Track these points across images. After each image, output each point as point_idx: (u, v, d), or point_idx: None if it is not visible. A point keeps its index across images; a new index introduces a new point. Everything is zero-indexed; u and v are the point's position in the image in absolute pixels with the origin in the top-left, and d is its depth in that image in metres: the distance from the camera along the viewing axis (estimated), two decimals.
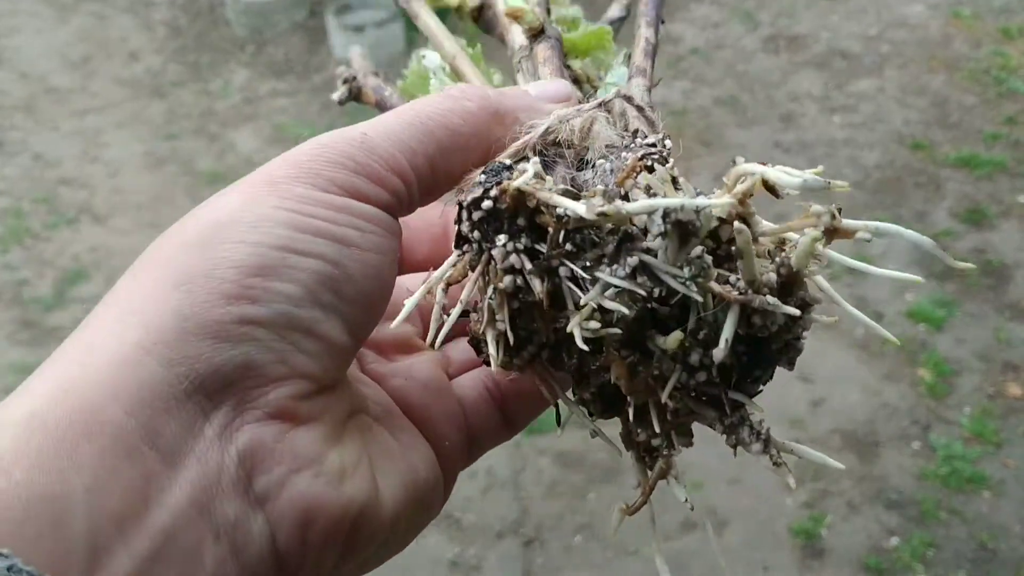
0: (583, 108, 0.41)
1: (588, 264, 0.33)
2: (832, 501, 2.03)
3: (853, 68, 3.58)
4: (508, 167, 0.34)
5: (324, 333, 0.33)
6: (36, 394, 0.29)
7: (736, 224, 0.32)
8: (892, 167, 3.04)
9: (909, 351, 2.37)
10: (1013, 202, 2.84)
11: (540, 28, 0.50)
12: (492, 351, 0.34)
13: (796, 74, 3.59)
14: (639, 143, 0.37)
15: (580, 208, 0.32)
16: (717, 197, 0.34)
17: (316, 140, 0.36)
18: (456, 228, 0.35)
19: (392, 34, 3.92)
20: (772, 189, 0.35)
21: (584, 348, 0.32)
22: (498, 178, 0.34)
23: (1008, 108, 3.26)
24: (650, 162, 0.36)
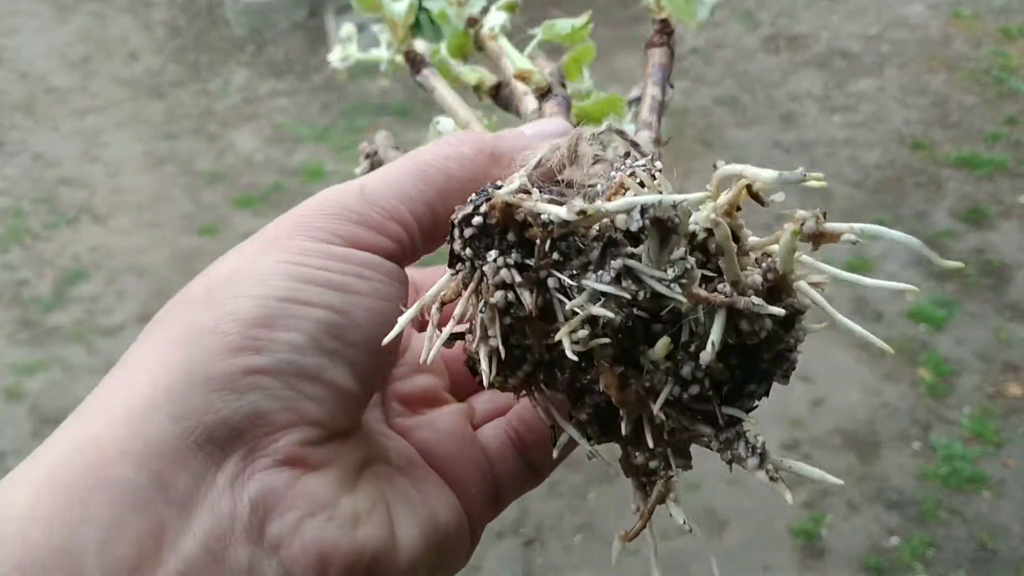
0: (570, 130, 0.41)
1: (575, 272, 0.33)
2: (832, 501, 2.03)
3: (853, 68, 3.59)
4: (498, 187, 0.35)
5: (330, 379, 0.34)
6: (52, 454, 0.31)
7: (712, 217, 0.32)
8: (892, 167, 3.04)
9: (909, 351, 2.37)
10: (1013, 202, 2.84)
11: (547, 87, 0.51)
12: (484, 366, 0.34)
13: (796, 74, 3.59)
14: (628, 163, 0.38)
15: (561, 211, 0.32)
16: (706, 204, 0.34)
17: (315, 196, 0.37)
18: (449, 247, 0.35)
19: None
20: (756, 197, 0.35)
21: (573, 358, 0.32)
22: (487, 195, 0.34)
23: (1008, 108, 3.26)
24: (639, 178, 0.36)
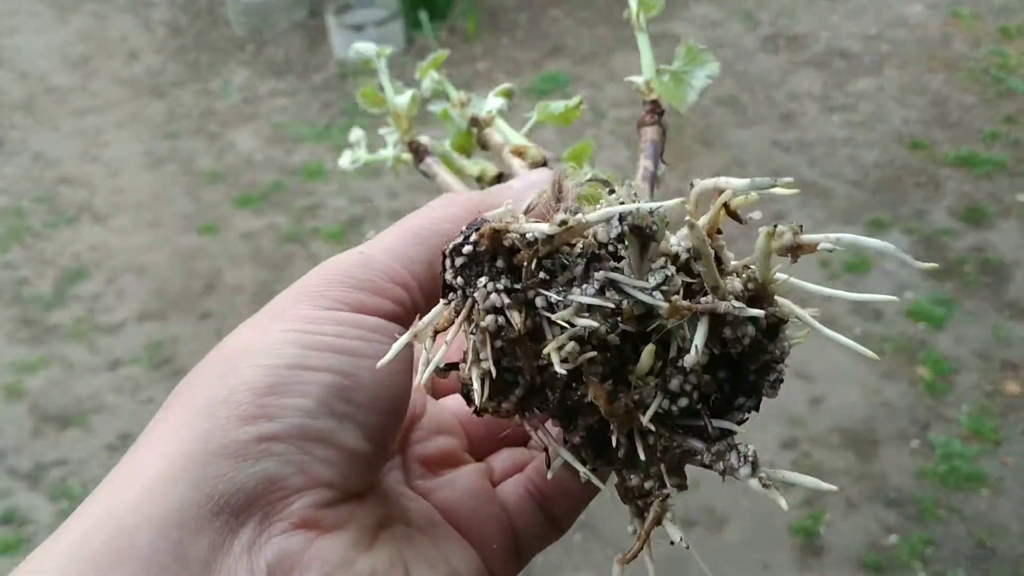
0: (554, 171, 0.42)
1: (561, 289, 0.34)
2: (831, 499, 2.04)
3: (853, 67, 3.59)
4: (487, 220, 0.36)
5: (340, 441, 0.35)
6: (76, 529, 0.32)
7: (687, 219, 0.33)
8: (892, 166, 3.04)
9: (908, 349, 2.37)
10: (1012, 201, 2.84)
11: (543, 161, 0.52)
12: (477, 387, 0.35)
13: (796, 73, 3.60)
14: (614, 196, 0.39)
15: (543, 225, 0.33)
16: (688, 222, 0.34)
17: (319, 266, 0.39)
18: (441, 278, 0.36)
19: (392, 33, 3.92)
20: (735, 215, 0.35)
21: (562, 372, 0.33)
22: (477, 225, 0.35)
23: (1007, 107, 3.26)
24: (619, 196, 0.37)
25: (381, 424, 0.36)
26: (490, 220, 0.35)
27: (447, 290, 0.36)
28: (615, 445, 0.36)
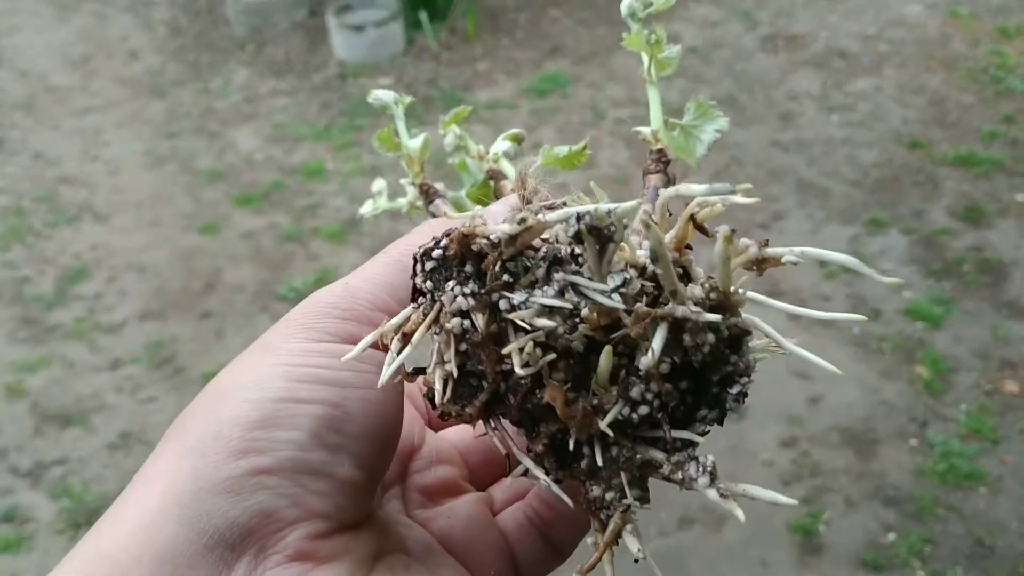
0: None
1: (524, 291, 0.34)
2: (830, 498, 2.04)
3: (851, 67, 3.59)
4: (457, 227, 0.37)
5: (333, 472, 0.35)
6: (71, 568, 0.33)
7: (642, 219, 0.34)
8: (890, 166, 3.05)
9: (907, 348, 2.38)
10: (1011, 200, 2.85)
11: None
12: (438, 388, 0.35)
13: (795, 73, 3.60)
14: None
15: (505, 225, 0.34)
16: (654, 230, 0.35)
17: (305, 300, 0.39)
18: (411, 283, 0.37)
19: (392, 33, 3.93)
20: (702, 228, 0.36)
21: (521, 373, 0.33)
22: (448, 231, 0.36)
23: (1006, 107, 3.27)
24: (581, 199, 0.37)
25: (373, 453, 0.37)
26: (460, 227, 0.35)
27: (417, 294, 0.37)
28: (576, 455, 0.36)
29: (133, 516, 0.33)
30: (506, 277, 0.34)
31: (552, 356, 0.34)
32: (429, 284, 0.36)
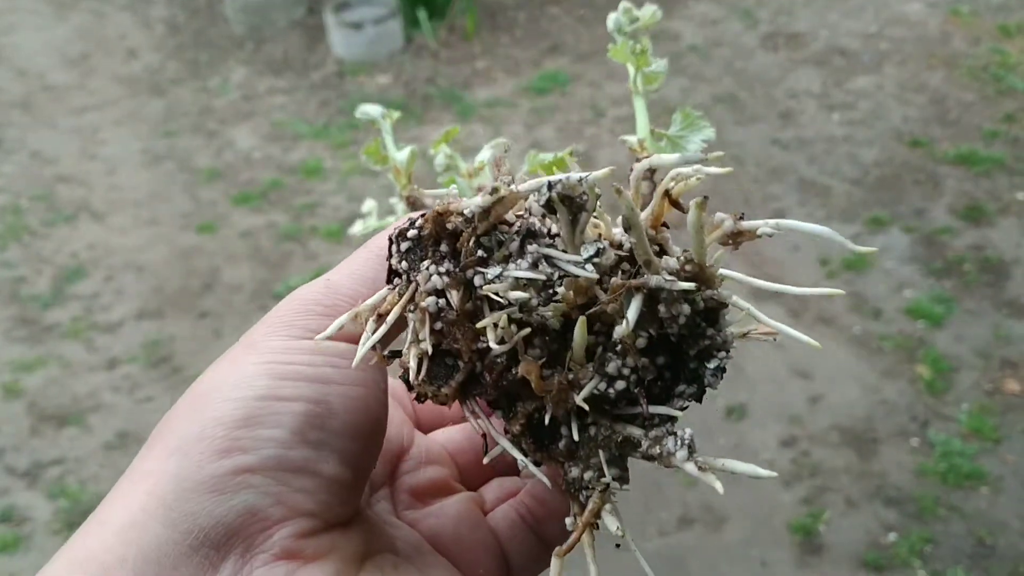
0: None
1: (498, 266, 0.34)
2: (830, 497, 2.04)
3: (852, 65, 3.59)
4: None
5: (318, 470, 0.35)
6: (57, 569, 0.33)
7: (616, 186, 0.33)
8: (891, 164, 3.04)
9: (908, 348, 2.37)
10: (1011, 199, 2.84)
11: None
12: (412, 366, 0.35)
13: (795, 71, 3.59)
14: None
15: (477, 199, 0.34)
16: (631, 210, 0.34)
17: (287, 297, 0.39)
18: (388, 264, 0.37)
19: (390, 31, 3.92)
20: (677, 204, 0.36)
21: (495, 347, 0.33)
22: (423, 212, 0.36)
23: (1007, 105, 3.26)
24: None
25: (358, 450, 0.36)
26: (435, 205, 0.35)
27: (392, 275, 0.37)
28: (554, 436, 0.36)
29: (118, 517, 0.33)
30: (480, 253, 0.34)
31: (527, 331, 0.34)
32: (404, 264, 0.36)
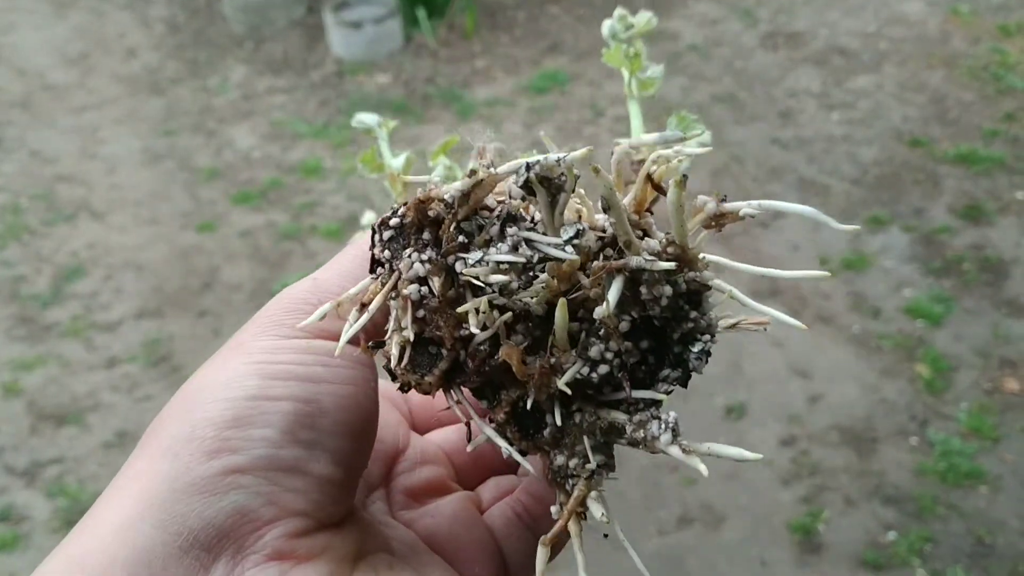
0: None
1: (479, 251, 0.34)
2: (829, 496, 2.04)
3: (852, 65, 3.58)
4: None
5: (309, 469, 0.34)
6: (51, 568, 0.32)
7: (593, 165, 0.33)
8: (890, 163, 3.04)
9: (907, 347, 2.37)
10: (1011, 198, 2.84)
11: None
12: (395, 353, 0.35)
13: (795, 71, 3.59)
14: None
15: (457, 183, 0.34)
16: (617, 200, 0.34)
17: (275, 296, 0.39)
18: (370, 254, 0.37)
19: (390, 30, 3.91)
20: (659, 187, 0.35)
21: (476, 331, 0.33)
22: (405, 201, 0.36)
23: (1006, 104, 3.26)
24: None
25: (349, 449, 0.36)
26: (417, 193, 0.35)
27: (375, 264, 0.36)
28: (539, 424, 0.36)
29: (109, 519, 0.33)
30: (461, 238, 0.34)
31: (508, 316, 0.33)
32: (387, 254, 0.36)
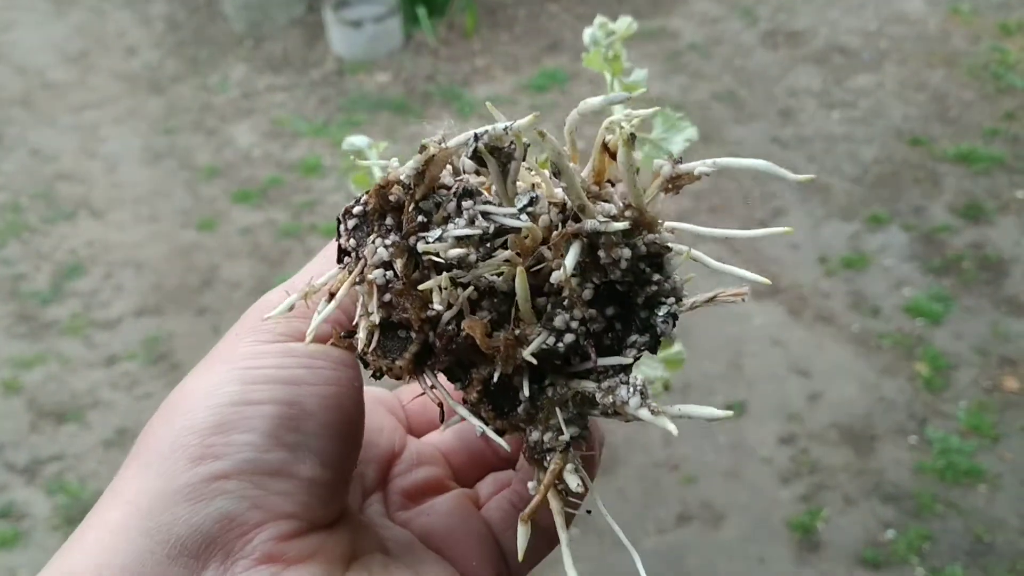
0: None
1: (438, 228, 0.34)
2: (828, 495, 2.04)
3: (852, 64, 3.58)
4: None
5: (295, 471, 0.35)
6: None
7: (539, 130, 0.33)
8: (890, 162, 3.04)
9: (906, 345, 2.37)
10: (1011, 197, 2.84)
11: None
12: (362, 337, 0.35)
13: (795, 69, 3.59)
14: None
15: (410, 162, 0.34)
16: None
17: (257, 302, 0.39)
18: (337, 244, 0.37)
19: (390, 29, 3.91)
20: (613, 155, 0.35)
21: (439, 308, 0.33)
22: (367, 190, 0.36)
23: (1007, 103, 3.26)
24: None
25: (336, 450, 0.36)
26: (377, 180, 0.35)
27: (341, 254, 0.37)
28: (513, 402, 0.36)
29: (97, 532, 0.33)
30: (421, 218, 0.34)
31: (471, 291, 0.34)
32: (353, 242, 0.36)
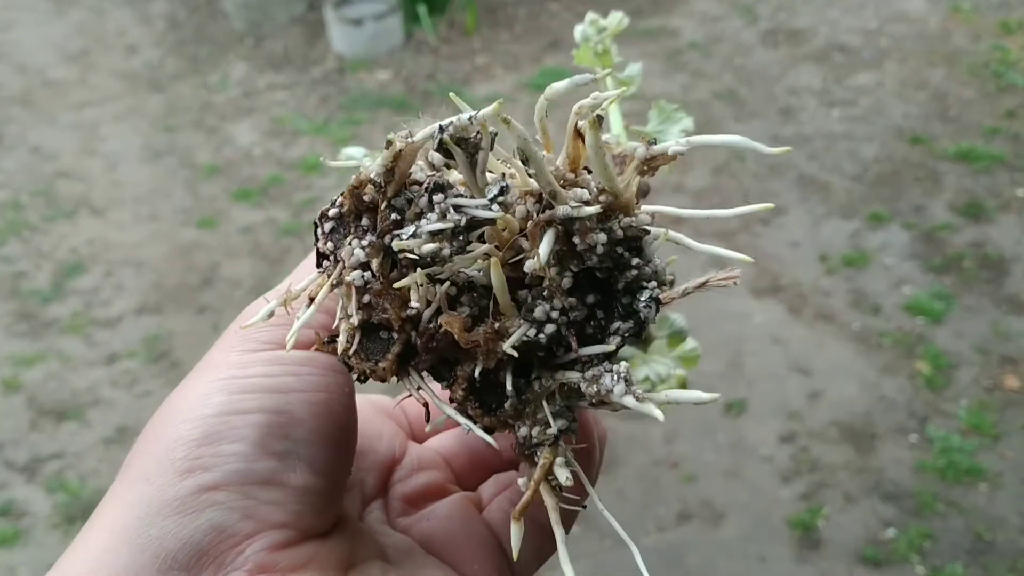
0: None
1: (411, 225, 0.34)
2: (829, 493, 2.04)
3: (852, 62, 3.58)
4: None
5: (286, 480, 0.34)
6: None
7: (503, 116, 0.33)
8: (891, 161, 3.03)
9: (907, 344, 2.37)
10: (1012, 196, 2.84)
11: None
12: (342, 340, 0.35)
13: (795, 68, 3.59)
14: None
15: (379, 160, 0.34)
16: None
17: (243, 311, 0.39)
18: (315, 249, 0.36)
19: (391, 27, 3.91)
20: (584, 137, 0.35)
21: (416, 306, 0.33)
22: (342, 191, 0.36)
23: (1007, 102, 3.25)
24: None
25: (327, 457, 0.36)
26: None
27: (320, 259, 0.36)
28: (500, 398, 0.35)
29: (86, 551, 0.33)
30: (394, 216, 0.34)
31: (448, 287, 0.34)
32: (330, 245, 0.36)
